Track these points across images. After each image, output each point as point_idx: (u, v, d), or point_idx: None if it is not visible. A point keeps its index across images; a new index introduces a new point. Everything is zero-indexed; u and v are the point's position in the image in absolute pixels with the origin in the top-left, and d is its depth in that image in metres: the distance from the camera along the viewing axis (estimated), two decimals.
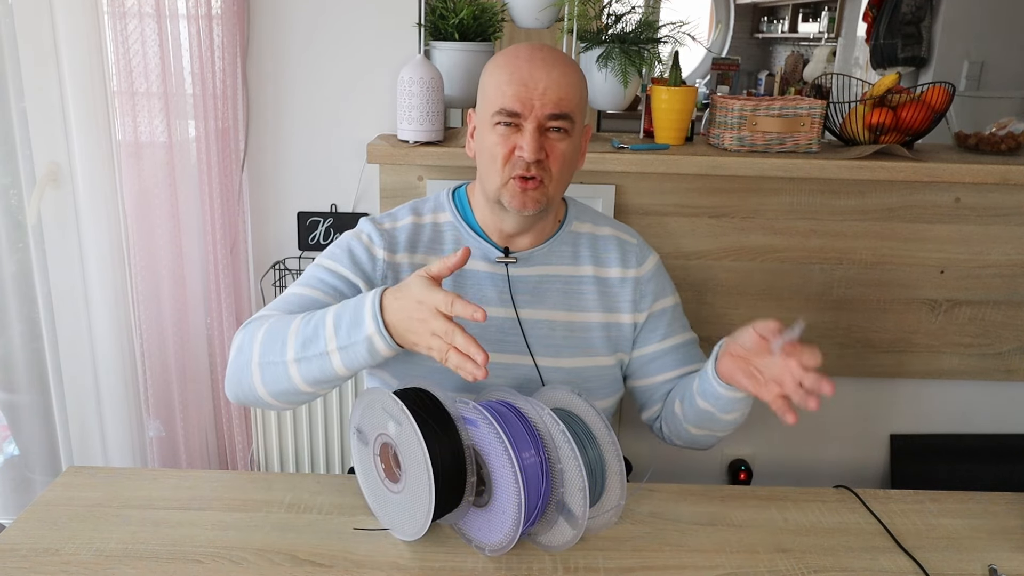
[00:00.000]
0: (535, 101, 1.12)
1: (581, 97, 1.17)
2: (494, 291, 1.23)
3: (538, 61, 1.13)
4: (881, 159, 1.74)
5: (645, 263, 1.30)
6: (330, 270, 1.20)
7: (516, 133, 1.14)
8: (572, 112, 1.14)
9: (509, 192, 1.16)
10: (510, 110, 1.13)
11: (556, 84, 1.12)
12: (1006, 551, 1.09)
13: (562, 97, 1.13)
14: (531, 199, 1.16)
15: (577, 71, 1.17)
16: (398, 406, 1.01)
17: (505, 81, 1.13)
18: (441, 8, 1.76)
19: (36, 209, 1.80)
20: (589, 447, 1.05)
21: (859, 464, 2.08)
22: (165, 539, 1.06)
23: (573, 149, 1.18)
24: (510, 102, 1.13)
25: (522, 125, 1.13)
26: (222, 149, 1.83)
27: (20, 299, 1.92)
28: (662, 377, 1.30)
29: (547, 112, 1.13)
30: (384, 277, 1.21)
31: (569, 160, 1.17)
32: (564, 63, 1.15)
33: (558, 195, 1.20)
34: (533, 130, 1.13)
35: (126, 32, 1.70)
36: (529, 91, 1.12)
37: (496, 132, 1.15)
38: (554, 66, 1.13)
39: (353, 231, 1.26)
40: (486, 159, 1.17)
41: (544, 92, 1.12)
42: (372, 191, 1.92)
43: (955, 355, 1.93)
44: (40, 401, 1.99)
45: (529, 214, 1.17)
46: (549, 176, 1.15)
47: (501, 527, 1.01)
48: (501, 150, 1.14)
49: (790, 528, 1.12)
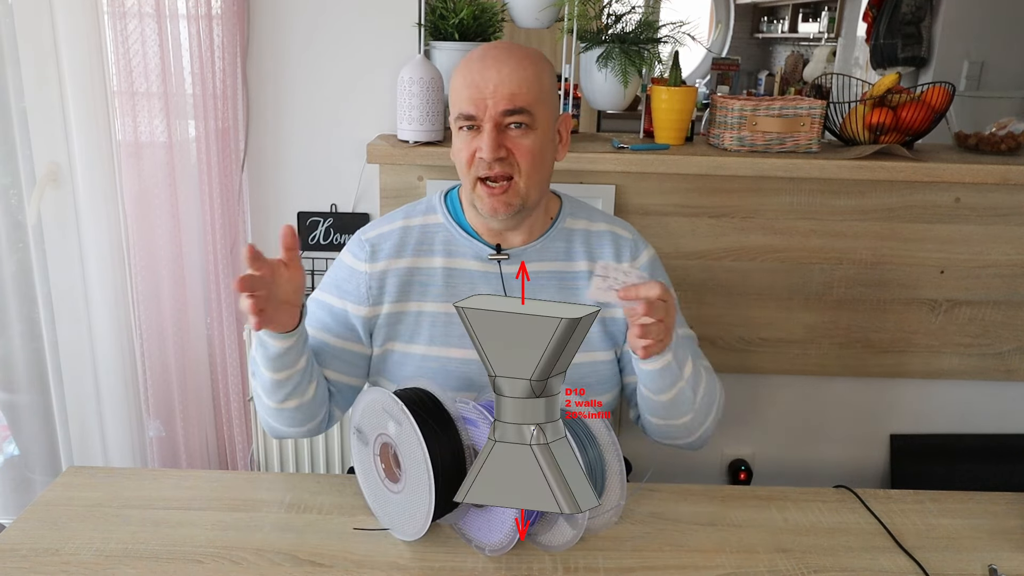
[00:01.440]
0: (487, 100, 1.13)
1: (541, 89, 1.16)
2: (488, 289, 1.23)
3: (489, 60, 1.14)
4: (881, 159, 1.74)
5: (639, 257, 1.30)
6: (321, 302, 1.28)
7: (477, 136, 1.15)
8: (528, 105, 1.14)
9: (479, 198, 1.18)
10: (466, 113, 1.15)
11: (507, 80, 1.13)
12: (1006, 551, 1.09)
13: (515, 92, 1.13)
14: (501, 203, 1.17)
15: (534, 63, 1.16)
16: (398, 406, 1.01)
17: (461, 85, 1.15)
18: (441, 8, 1.76)
19: (36, 209, 1.80)
20: (589, 447, 1.05)
21: (859, 464, 2.08)
22: (165, 539, 1.06)
23: (541, 142, 1.17)
24: (465, 105, 1.14)
25: (481, 126, 1.15)
26: (222, 149, 1.83)
27: (20, 299, 1.92)
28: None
29: (500, 109, 1.13)
30: (369, 288, 1.24)
31: (539, 153, 1.17)
32: (517, 58, 1.15)
33: (534, 191, 1.19)
34: (490, 129, 1.13)
35: (126, 32, 1.70)
36: (481, 91, 1.13)
37: (460, 138, 1.17)
38: (505, 62, 1.14)
39: (345, 249, 1.30)
40: (457, 165, 1.20)
41: (495, 90, 1.13)
42: (372, 191, 1.92)
43: (955, 355, 1.93)
44: (40, 401, 1.99)
45: (503, 218, 1.18)
46: (518, 171, 1.16)
47: (501, 527, 1.01)
48: (464, 155, 1.17)
49: (790, 528, 1.12)
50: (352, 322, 1.24)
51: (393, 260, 1.24)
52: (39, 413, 2.01)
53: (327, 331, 1.25)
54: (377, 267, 1.24)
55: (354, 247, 1.27)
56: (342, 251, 1.30)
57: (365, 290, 1.23)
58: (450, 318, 1.22)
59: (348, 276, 1.26)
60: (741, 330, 1.90)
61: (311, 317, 1.26)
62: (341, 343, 1.24)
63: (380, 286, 1.23)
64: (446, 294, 1.23)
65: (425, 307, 1.22)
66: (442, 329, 1.22)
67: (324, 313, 1.26)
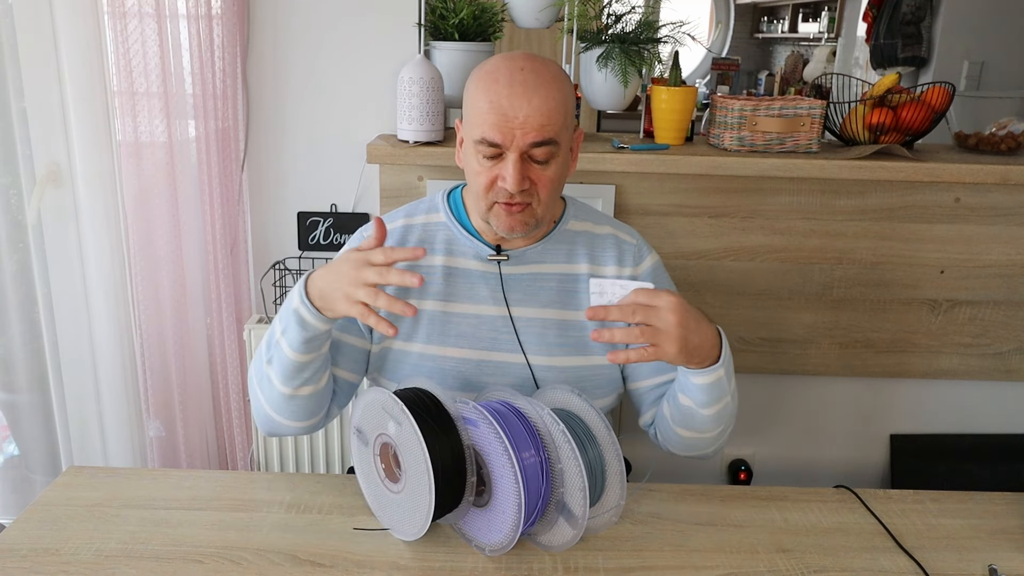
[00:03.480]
0: (516, 131, 1.10)
1: (566, 114, 1.14)
2: (486, 289, 1.23)
3: (518, 86, 1.10)
4: (881, 159, 1.74)
5: (642, 263, 1.29)
6: None
7: (499, 163, 1.13)
8: (556, 135, 1.12)
9: (495, 216, 1.17)
10: (491, 141, 1.11)
11: (537, 111, 1.09)
12: (1006, 551, 1.09)
13: (544, 124, 1.10)
14: (519, 221, 1.16)
15: (560, 88, 1.13)
16: (398, 406, 1.01)
17: (486, 109, 1.11)
18: (441, 8, 1.76)
19: (36, 209, 1.80)
20: (589, 447, 1.05)
21: (859, 464, 2.08)
22: (165, 539, 1.06)
23: (562, 168, 1.17)
24: (490, 132, 1.10)
25: (504, 154, 1.12)
26: (222, 149, 1.83)
27: (20, 299, 1.92)
28: (655, 381, 1.27)
29: (529, 141, 1.10)
30: None
31: (558, 179, 1.17)
32: (547, 84, 1.11)
33: (548, 213, 1.20)
34: (515, 160, 1.11)
35: (126, 32, 1.70)
36: (509, 121, 1.09)
37: (478, 160, 1.14)
38: (536, 91, 1.10)
39: (347, 243, 1.29)
40: (471, 182, 1.19)
41: (525, 121, 1.09)
42: (372, 191, 1.92)
43: (955, 355, 1.93)
44: (40, 401, 1.99)
45: (519, 235, 1.19)
46: (538, 200, 1.16)
47: (501, 527, 1.01)
48: (484, 180, 1.14)
49: (790, 528, 1.12)
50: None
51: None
52: (39, 413, 2.01)
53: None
54: None
55: (356, 242, 1.27)
56: (345, 245, 1.29)
57: None
58: (448, 317, 1.22)
59: None
60: (741, 330, 1.90)
61: None
62: (339, 335, 1.23)
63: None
64: (445, 293, 1.23)
65: (424, 305, 1.22)
66: (439, 328, 1.22)
67: None
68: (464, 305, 1.22)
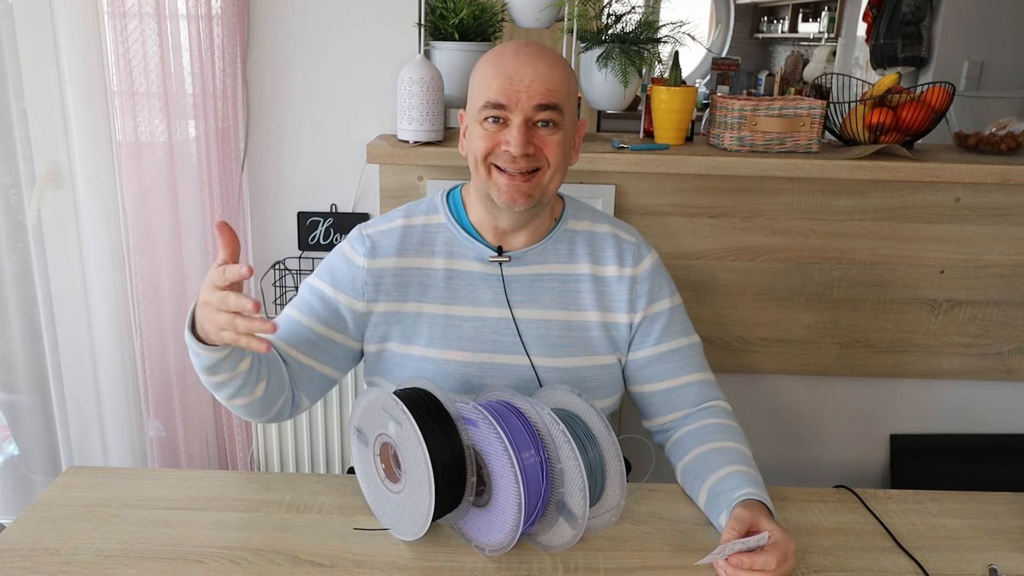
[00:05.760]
0: (521, 93, 1.13)
1: (570, 91, 1.17)
2: (488, 291, 1.22)
3: (523, 55, 1.14)
4: (881, 159, 1.74)
5: (642, 262, 1.28)
6: (313, 287, 1.25)
7: (503, 129, 1.15)
8: (560, 103, 1.15)
9: (497, 188, 1.17)
10: (496, 102, 1.14)
11: (543, 76, 1.13)
12: (1006, 551, 1.09)
13: (549, 89, 1.13)
14: (521, 193, 1.16)
15: (565, 66, 1.18)
16: (398, 406, 1.01)
17: (491, 75, 1.15)
18: (441, 8, 1.76)
19: (36, 209, 1.80)
20: (589, 447, 1.05)
21: (859, 464, 2.08)
22: (165, 539, 1.06)
23: (566, 142, 1.18)
24: (496, 94, 1.13)
25: (509, 119, 1.14)
26: (222, 149, 1.83)
27: (20, 299, 1.92)
28: (659, 385, 1.27)
29: (534, 103, 1.13)
30: (365, 283, 1.22)
31: (564, 151, 1.18)
32: (551, 57, 1.16)
33: (553, 187, 1.19)
34: (520, 123, 1.13)
35: (126, 32, 1.70)
36: (515, 84, 1.13)
37: (484, 127, 1.16)
38: (540, 59, 1.14)
39: (345, 239, 1.28)
40: (470, 156, 1.19)
41: (530, 84, 1.13)
42: (372, 191, 1.92)
43: (955, 355, 1.93)
44: (40, 401, 1.99)
45: (520, 209, 1.17)
46: (547, 163, 1.16)
47: (501, 527, 1.01)
48: (486, 144, 1.16)
49: (790, 528, 1.12)
50: (342, 312, 1.23)
51: (393, 259, 1.23)
52: (39, 413, 2.01)
53: (315, 317, 1.23)
54: (376, 264, 1.23)
55: (355, 240, 1.26)
56: (343, 241, 1.28)
57: (361, 285, 1.22)
58: (449, 320, 1.22)
59: (345, 268, 1.24)
60: (741, 330, 1.90)
61: (300, 301, 1.24)
62: (325, 331, 1.22)
63: (376, 283, 1.22)
64: (446, 295, 1.22)
65: (424, 308, 1.22)
66: (441, 331, 1.22)
67: (315, 299, 1.24)
68: (466, 308, 1.22)
